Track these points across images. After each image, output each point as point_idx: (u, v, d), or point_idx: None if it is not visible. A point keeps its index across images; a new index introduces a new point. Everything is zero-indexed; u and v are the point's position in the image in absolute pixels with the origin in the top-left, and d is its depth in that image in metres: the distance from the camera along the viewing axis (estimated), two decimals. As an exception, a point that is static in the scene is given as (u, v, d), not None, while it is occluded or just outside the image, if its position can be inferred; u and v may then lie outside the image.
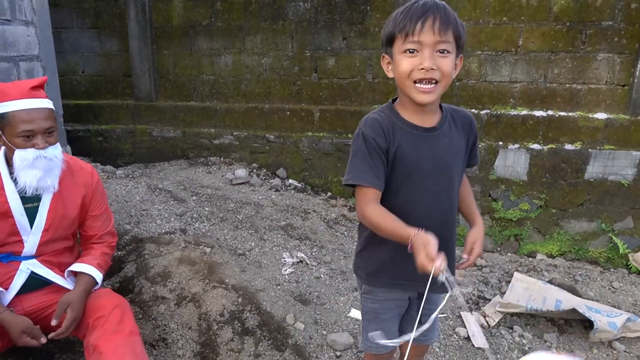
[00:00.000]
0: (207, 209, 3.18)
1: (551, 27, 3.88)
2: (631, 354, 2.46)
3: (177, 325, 2.18)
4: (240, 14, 4.49)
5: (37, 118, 1.77)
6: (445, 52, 1.20)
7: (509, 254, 3.97)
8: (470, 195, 1.52)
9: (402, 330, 1.55)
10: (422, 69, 1.19)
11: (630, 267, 3.77)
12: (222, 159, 4.52)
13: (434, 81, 1.21)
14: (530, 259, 3.88)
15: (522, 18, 3.92)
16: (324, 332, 2.22)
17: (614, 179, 3.84)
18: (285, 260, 2.72)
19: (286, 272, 2.61)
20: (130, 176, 3.66)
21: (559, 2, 3.82)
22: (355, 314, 2.40)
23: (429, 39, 1.17)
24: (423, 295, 1.28)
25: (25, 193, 1.80)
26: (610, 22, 3.76)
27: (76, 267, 1.94)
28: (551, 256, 3.99)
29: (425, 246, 1.07)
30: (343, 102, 4.43)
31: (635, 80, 3.73)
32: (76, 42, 4.94)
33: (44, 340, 1.79)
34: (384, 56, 1.31)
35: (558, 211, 4.00)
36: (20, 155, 1.75)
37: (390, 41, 1.26)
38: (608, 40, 3.79)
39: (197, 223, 2.94)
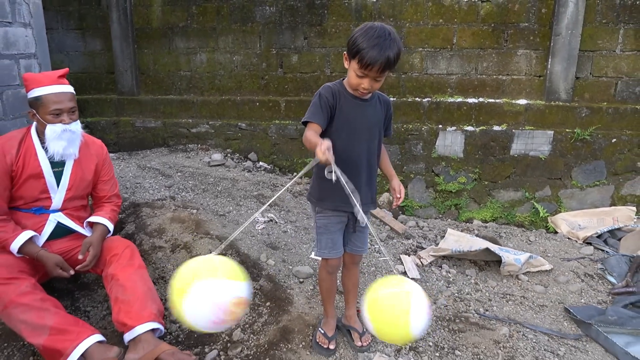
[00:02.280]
0: (190, 182, 3.71)
1: (479, 28, 4.56)
2: (532, 283, 3.12)
3: (172, 266, 2.69)
4: (213, 16, 4.98)
5: (63, 99, 2.25)
6: (379, 79, 1.83)
7: (449, 220, 4.63)
8: (387, 158, 2.20)
9: (345, 243, 2.16)
10: (363, 87, 1.84)
11: (549, 228, 4.46)
12: (199, 145, 4.97)
13: (368, 91, 1.88)
14: (467, 224, 4.54)
15: (455, 20, 4.57)
16: (290, 267, 2.79)
17: (533, 154, 4.52)
18: (258, 219, 3.29)
19: (259, 228, 3.19)
20: (120, 158, 4.15)
21: (484, 7, 4.51)
22: (314, 255, 2.99)
23: (372, 75, 1.80)
24: (354, 214, 1.96)
25: (54, 159, 2.27)
26: (527, 24, 4.46)
27: (93, 218, 2.41)
28: (485, 221, 4.65)
29: (321, 145, 1.62)
30: (306, 94, 4.97)
31: (548, 72, 4.44)
32: (61, 42, 5.29)
33: (72, 272, 2.24)
34: (345, 54, 1.89)
35: (490, 183, 4.67)
36: (51, 129, 2.21)
37: (351, 54, 1.79)
38: (525, 39, 4.49)
39: (183, 193, 3.48)
